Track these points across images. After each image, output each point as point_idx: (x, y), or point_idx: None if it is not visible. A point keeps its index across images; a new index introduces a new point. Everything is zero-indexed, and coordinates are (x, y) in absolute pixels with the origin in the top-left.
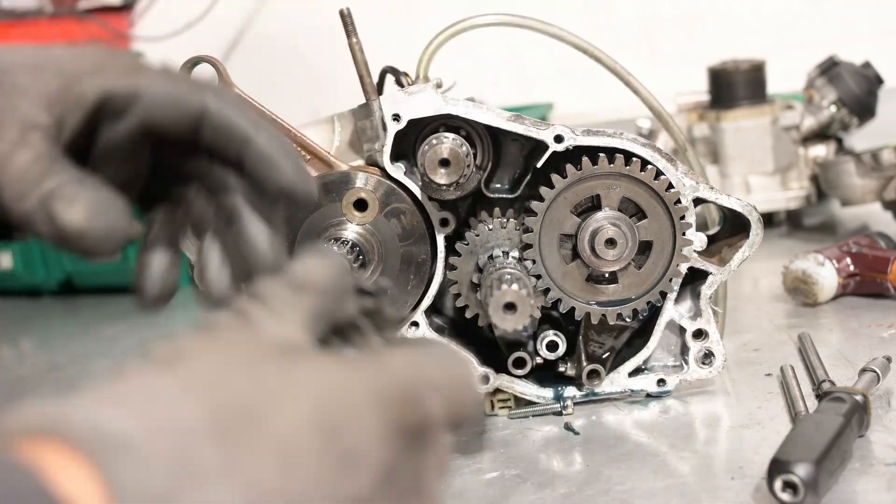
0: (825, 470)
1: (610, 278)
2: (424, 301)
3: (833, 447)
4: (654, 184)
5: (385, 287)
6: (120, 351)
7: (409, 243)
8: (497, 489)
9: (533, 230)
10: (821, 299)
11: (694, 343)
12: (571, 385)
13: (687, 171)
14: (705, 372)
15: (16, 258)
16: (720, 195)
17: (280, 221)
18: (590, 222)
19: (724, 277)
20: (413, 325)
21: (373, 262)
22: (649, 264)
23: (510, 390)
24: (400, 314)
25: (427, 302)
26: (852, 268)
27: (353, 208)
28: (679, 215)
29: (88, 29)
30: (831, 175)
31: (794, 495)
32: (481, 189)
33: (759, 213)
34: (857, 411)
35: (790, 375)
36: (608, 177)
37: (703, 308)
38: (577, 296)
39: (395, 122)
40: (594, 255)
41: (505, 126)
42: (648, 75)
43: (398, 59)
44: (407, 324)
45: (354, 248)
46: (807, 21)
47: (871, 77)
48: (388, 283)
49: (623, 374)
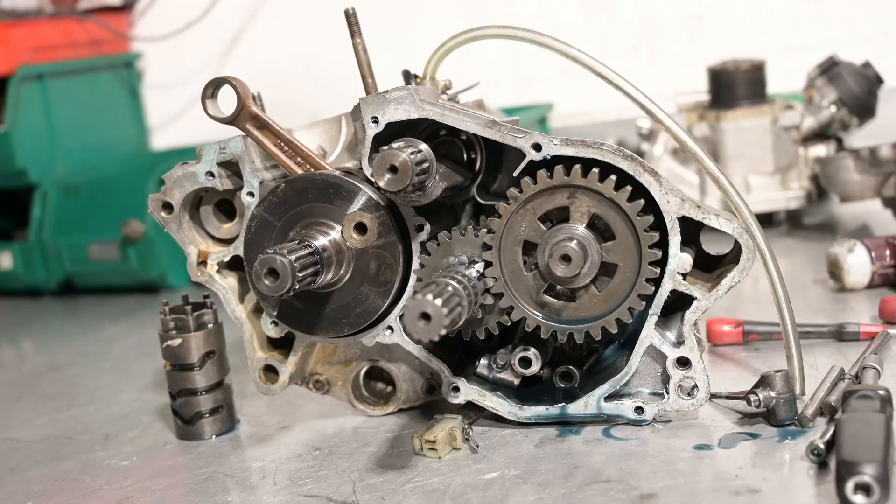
0: (890, 468)
1: (568, 295)
2: (398, 306)
3: (889, 444)
4: (626, 206)
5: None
6: (120, 351)
7: (378, 247)
8: (497, 489)
9: (495, 232)
10: (848, 285)
11: (675, 371)
12: (542, 404)
13: (672, 187)
14: (687, 404)
15: (16, 258)
16: (707, 215)
17: None
18: (553, 235)
19: (710, 304)
20: (388, 329)
21: (331, 268)
22: (611, 288)
23: (481, 403)
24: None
25: (401, 306)
26: (890, 260)
27: (353, 231)
28: (647, 243)
29: (88, 29)
30: (830, 171)
31: (867, 496)
32: (474, 196)
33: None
34: (886, 406)
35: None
36: (579, 190)
37: (686, 335)
38: (530, 306)
39: (374, 125)
40: (549, 268)
41: (480, 132)
42: (649, 75)
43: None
44: (384, 327)
45: (314, 255)
46: (807, 21)
47: (871, 77)
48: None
49: (598, 396)
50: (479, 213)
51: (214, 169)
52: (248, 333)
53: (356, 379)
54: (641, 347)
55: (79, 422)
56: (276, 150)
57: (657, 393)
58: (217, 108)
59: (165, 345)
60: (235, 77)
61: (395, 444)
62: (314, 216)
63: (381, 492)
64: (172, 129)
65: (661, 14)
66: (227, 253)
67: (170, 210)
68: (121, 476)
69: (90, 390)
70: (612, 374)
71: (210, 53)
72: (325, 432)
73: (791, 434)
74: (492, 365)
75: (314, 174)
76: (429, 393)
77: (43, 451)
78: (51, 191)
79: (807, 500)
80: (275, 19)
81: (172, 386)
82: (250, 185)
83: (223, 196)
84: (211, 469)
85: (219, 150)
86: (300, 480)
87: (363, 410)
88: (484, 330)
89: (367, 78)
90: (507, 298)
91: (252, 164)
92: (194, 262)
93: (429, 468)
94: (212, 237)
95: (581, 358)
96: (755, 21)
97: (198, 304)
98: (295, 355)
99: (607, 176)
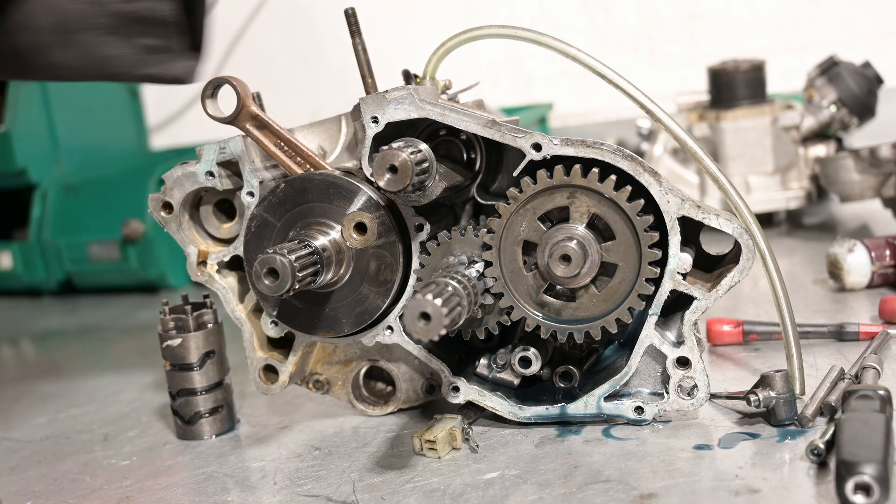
0: (890, 468)
1: (568, 295)
2: (398, 306)
3: (889, 444)
4: (626, 206)
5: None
6: (120, 351)
7: (378, 247)
8: (497, 489)
9: (495, 231)
10: (848, 285)
11: (675, 371)
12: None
13: (672, 187)
14: (687, 403)
15: (16, 258)
16: (707, 215)
17: None
18: (553, 234)
19: (710, 304)
20: (388, 329)
21: (331, 268)
22: (611, 287)
23: (480, 403)
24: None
25: (401, 306)
26: (890, 260)
27: (353, 231)
28: (647, 243)
29: None
30: (830, 171)
31: (866, 496)
32: (474, 195)
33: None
34: (886, 406)
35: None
36: (579, 190)
37: (686, 335)
38: (529, 306)
39: (374, 125)
40: (549, 268)
41: (480, 132)
42: (649, 75)
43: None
44: (384, 327)
45: (313, 255)
46: (807, 21)
47: (871, 77)
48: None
49: (598, 396)
50: (479, 213)
51: (214, 169)
52: (247, 333)
53: (356, 379)
54: (641, 347)
55: (78, 422)
56: (275, 150)
57: (657, 393)
58: (217, 107)
59: (165, 345)
60: (235, 77)
61: (395, 444)
62: (314, 216)
63: (380, 491)
64: (172, 129)
65: (661, 14)
66: (226, 253)
67: (170, 210)
68: (120, 476)
69: (90, 390)
70: (612, 374)
71: (210, 53)
72: (325, 432)
73: (791, 434)
74: (492, 365)
75: (314, 174)
76: (429, 393)
77: (43, 451)
78: (51, 191)
79: (807, 500)
80: (275, 19)
81: (172, 386)
82: (250, 185)
83: (223, 196)
84: (211, 469)
85: (219, 149)
86: (300, 480)
87: (363, 410)
88: (484, 330)
89: (367, 78)
90: (506, 298)
91: (252, 163)
92: (194, 262)
93: (429, 468)
94: (212, 237)
95: (581, 358)
96: (755, 21)
97: (198, 303)
98: (295, 355)
99: (607, 176)
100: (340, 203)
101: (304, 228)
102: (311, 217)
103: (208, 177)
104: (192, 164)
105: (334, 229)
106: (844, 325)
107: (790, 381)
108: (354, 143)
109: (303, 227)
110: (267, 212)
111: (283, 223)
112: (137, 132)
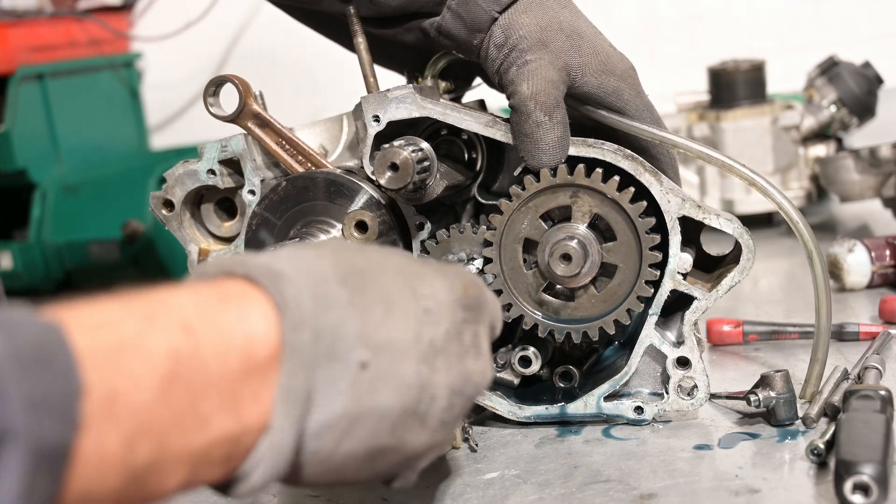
0: (889, 468)
1: (567, 295)
2: None
3: (888, 444)
4: (629, 207)
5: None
6: None
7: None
8: (497, 489)
9: (496, 228)
10: (848, 285)
11: (675, 371)
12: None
13: (673, 187)
14: (687, 404)
15: (16, 258)
16: (707, 214)
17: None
18: (554, 233)
19: (710, 304)
20: None
21: None
22: (610, 288)
23: (480, 403)
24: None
25: None
26: (890, 260)
27: (354, 229)
28: (648, 245)
29: (88, 29)
30: (830, 171)
31: (865, 496)
32: (475, 195)
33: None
34: (887, 406)
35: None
36: (582, 190)
37: (686, 335)
38: (528, 304)
39: (376, 123)
40: (549, 267)
41: (481, 131)
42: (649, 76)
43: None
44: None
45: None
46: (807, 21)
47: (871, 77)
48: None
49: (597, 396)
50: (480, 213)
51: (216, 167)
52: None
53: None
54: (641, 347)
55: None
56: (277, 149)
57: (657, 393)
58: (219, 106)
59: None
60: (237, 75)
61: None
62: (315, 214)
63: (380, 492)
64: (172, 128)
65: (661, 14)
66: (227, 251)
67: (171, 208)
68: None
69: None
70: (612, 374)
71: (210, 53)
72: None
73: (791, 434)
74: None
75: (315, 172)
76: None
77: None
78: (51, 191)
79: (806, 500)
80: (275, 19)
81: None
82: (251, 184)
83: (224, 194)
84: None
85: (220, 147)
86: None
87: None
88: None
89: (369, 77)
90: (505, 295)
91: (253, 162)
92: (195, 261)
93: (428, 467)
94: (213, 235)
95: (581, 358)
96: (755, 21)
97: None
98: None
99: (610, 177)
100: (341, 201)
101: (305, 227)
102: (313, 215)
103: (210, 175)
104: (194, 163)
105: (335, 228)
106: (844, 325)
107: (790, 381)
108: (356, 142)
109: (304, 226)
110: (268, 210)
111: (285, 221)
112: (137, 132)
